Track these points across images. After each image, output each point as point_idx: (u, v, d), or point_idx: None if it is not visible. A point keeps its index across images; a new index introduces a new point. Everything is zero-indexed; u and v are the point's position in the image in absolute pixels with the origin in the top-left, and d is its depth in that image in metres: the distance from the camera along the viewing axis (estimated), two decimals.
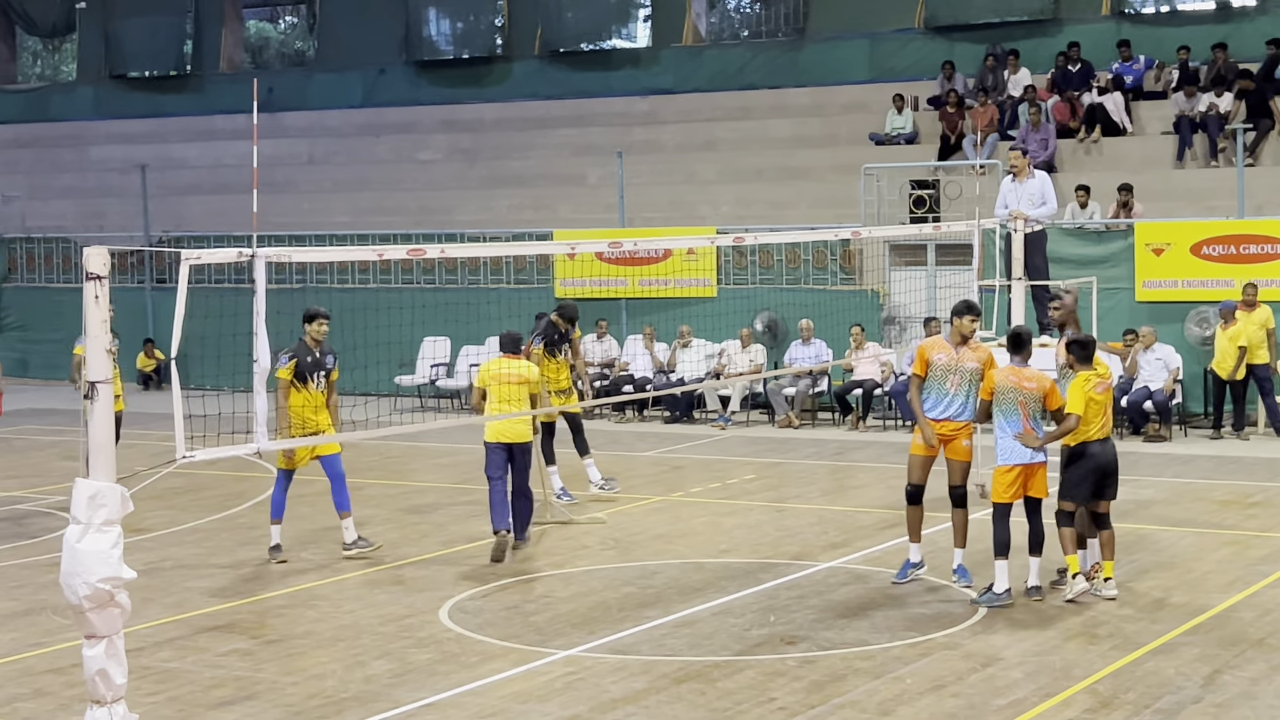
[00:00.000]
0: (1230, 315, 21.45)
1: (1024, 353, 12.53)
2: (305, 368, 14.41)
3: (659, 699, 10.07)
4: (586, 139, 31.56)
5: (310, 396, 14.47)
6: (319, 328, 14.57)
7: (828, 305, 24.27)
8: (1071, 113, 27.18)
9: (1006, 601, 12.20)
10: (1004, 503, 12.36)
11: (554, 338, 17.22)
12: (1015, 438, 12.25)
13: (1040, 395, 12.30)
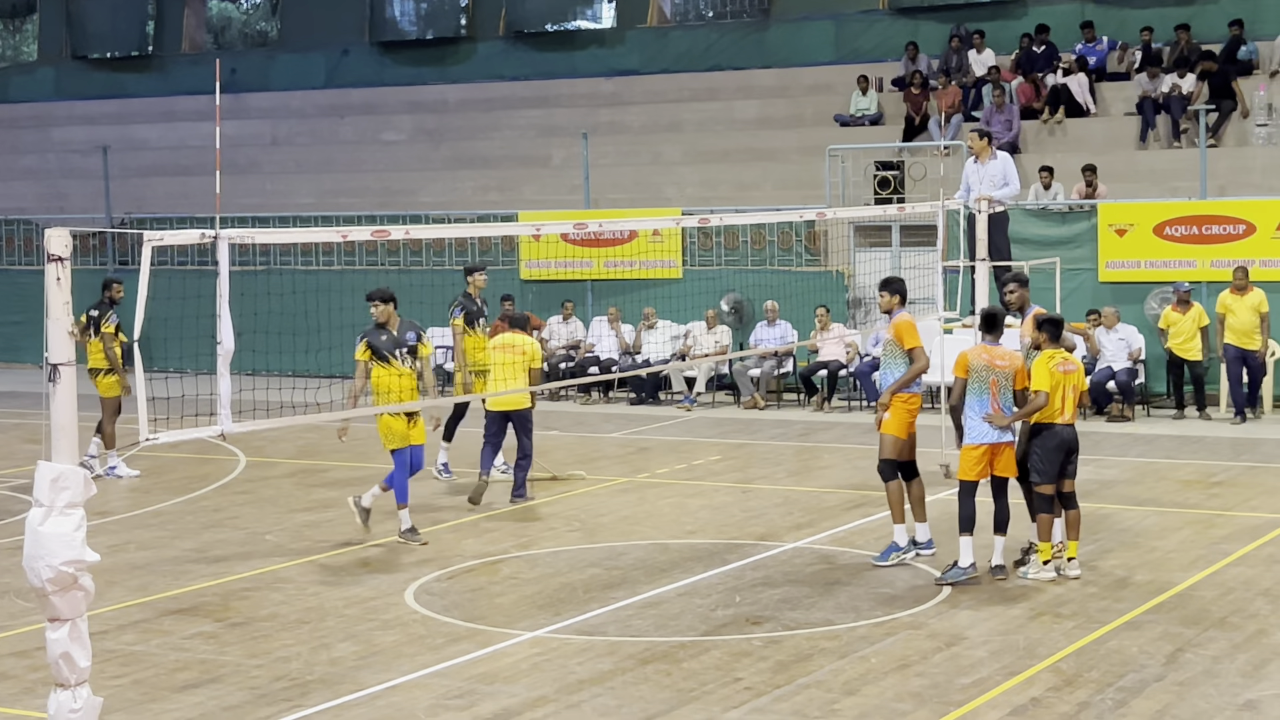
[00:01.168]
0: (1187, 298, 21.54)
1: (996, 332, 12.59)
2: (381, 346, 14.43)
3: (625, 680, 10.09)
4: (551, 120, 31.49)
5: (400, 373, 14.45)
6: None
7: (793, 286, 24.29)
8: (1035, 94, 27.25)
9: (971, 575, 12.26)
10: (970, 480, 12.41)
11: (472, 309, 17.27)
12: (984, 418, 12.29)
13: (1012, 374, 12.36)
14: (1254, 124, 25.39)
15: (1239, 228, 22.25)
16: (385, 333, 14.58)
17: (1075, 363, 12.57)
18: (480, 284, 17.67)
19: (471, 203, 28.99)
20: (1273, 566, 12.79)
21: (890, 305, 13.27)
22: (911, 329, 13.02)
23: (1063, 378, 12.34)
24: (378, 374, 14.50)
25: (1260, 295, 20.96)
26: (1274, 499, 15.81)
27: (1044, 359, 12.35)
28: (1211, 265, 22.28)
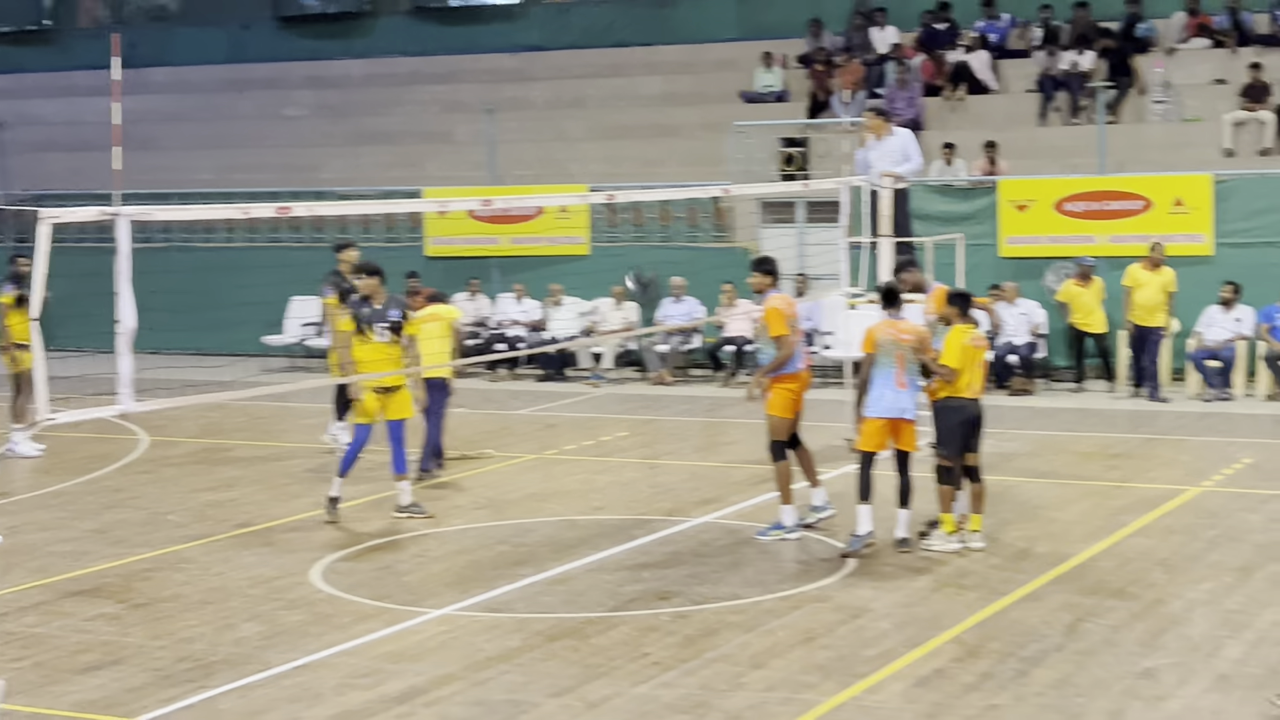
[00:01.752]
0: (1089, 272, 21.81)
1: (896, 305, 12.71)
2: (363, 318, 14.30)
3: (533, 656, 10.09)
4: (455, 96, 31.31)
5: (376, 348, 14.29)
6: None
7: (699, 262, 24.34)
8: (938, 71, 27.45)
9: (869, 542, 12.40)
10: (869, 451, 12.53)
11: (345, 289, 17.21)
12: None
13: (916, 346, 12.48)
14: (1151, 101, 25.74)
15: (1137, 203, 22.56)
16: (369, 305, 14.47)
17: (983, 338, 12.73)
18: (352, 259, 17.46)
19: (375, 179, 28.77)
20: (1170, 537, 13.01)
21: (762, 286, 13.39)
22: (778, 316, 13.04)
23: (975, 352, 12.48)
24: (357, 346, 14.35)
25: (1170, 274, 21.13)
26: (1171, 470, 16.09)
27: (957, 333, 12.48)
28: (1110, 240, 22.59)
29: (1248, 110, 24.51)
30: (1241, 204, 22.15)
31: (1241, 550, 12.46)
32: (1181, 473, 15.91)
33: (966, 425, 12.53)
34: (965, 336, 12.48)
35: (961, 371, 12.43)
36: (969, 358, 12.45)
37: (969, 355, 12.44)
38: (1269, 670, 9.49)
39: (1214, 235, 22.17)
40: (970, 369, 12.49)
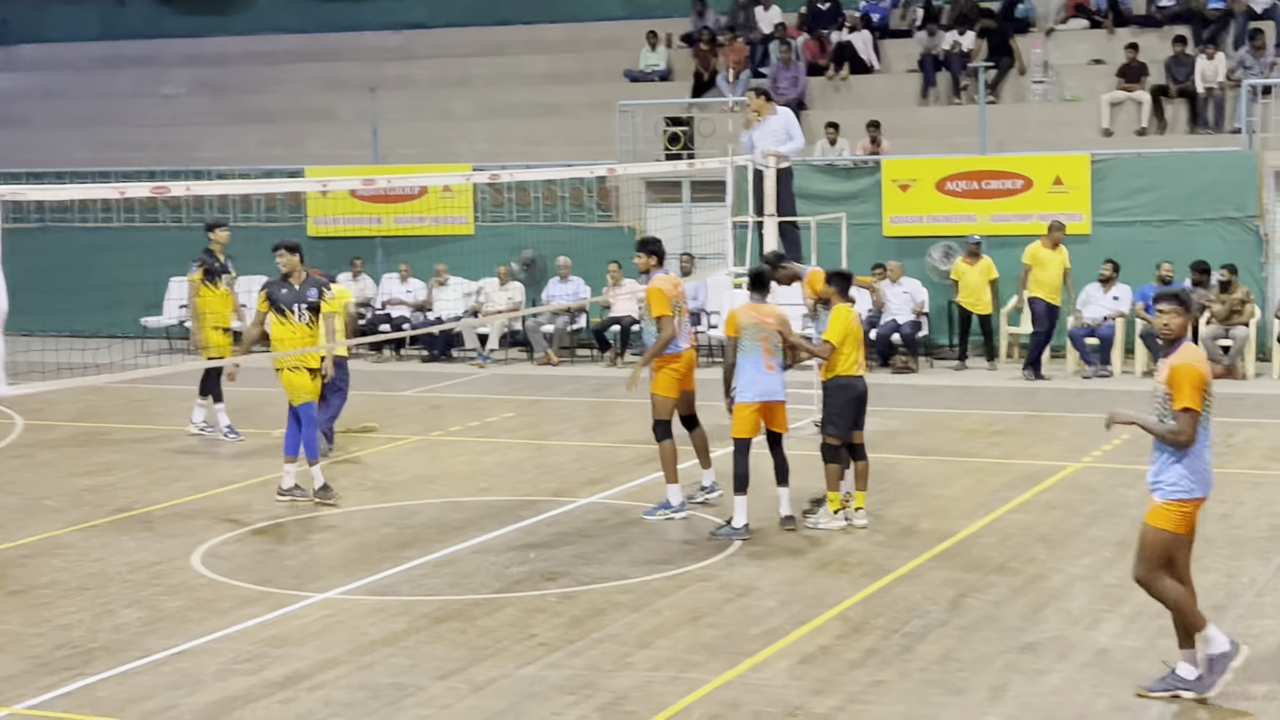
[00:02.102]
0: (977, 249, 22.05)
1: (763, 290, 12.75)
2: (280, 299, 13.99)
3: (418, 639, 10.03)
4: (337, 74, 30.98)
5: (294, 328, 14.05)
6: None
7: (585, 242, 24.30)
8: (821, 50, 27.58)
9: (744, 536, 12.44)
10: (743, 438, 12.56)
11: (214, 265, 17.14)
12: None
13: (779, 329, 12.53)
14: (1031, 81, 26.04)
15: (1017, 182, 22.82)
16: (287, 285, 14.16)
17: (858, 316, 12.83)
18: (222, 239, 17.46)
19: (255, 158, 28.39)
20: (1050, 512, 13.20)
21: (647, 266, 13.44)
22: (660, 297, 13.09)
23: (858, 330, 12.57)
24: (275, 326, 14.10)
25: (1066, 253, 21.41)
26: (1051, 446, 16.31)
27: (839, 312, 12.55)
28: (991, 219, 22.84)
29: (1125, 90, 24.88)
30: (1118, 183, 22.49)
31: (1119, 525, 12.66)
32: (1061, 449, 16.14)
33: (854, 403, 12.61)
34: (849, 316, 12.55)
35: (843, 349, 12.49)
36: (851, 336, 12.52)
37: (851, 333, 12.52)
38: (1147, 643, 9.65)
39: (1091, 214, 22.50)
40: (853, 347, 12.56)
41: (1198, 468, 8.57)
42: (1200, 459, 8.57)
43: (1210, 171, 22.09)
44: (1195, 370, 8.45)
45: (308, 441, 14.02)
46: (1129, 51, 25.10)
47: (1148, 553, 8.66)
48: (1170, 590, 8.64)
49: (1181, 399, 8.47)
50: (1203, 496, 8.64)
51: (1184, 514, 8.60)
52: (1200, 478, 8.59)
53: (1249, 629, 9.87)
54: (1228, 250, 21.57)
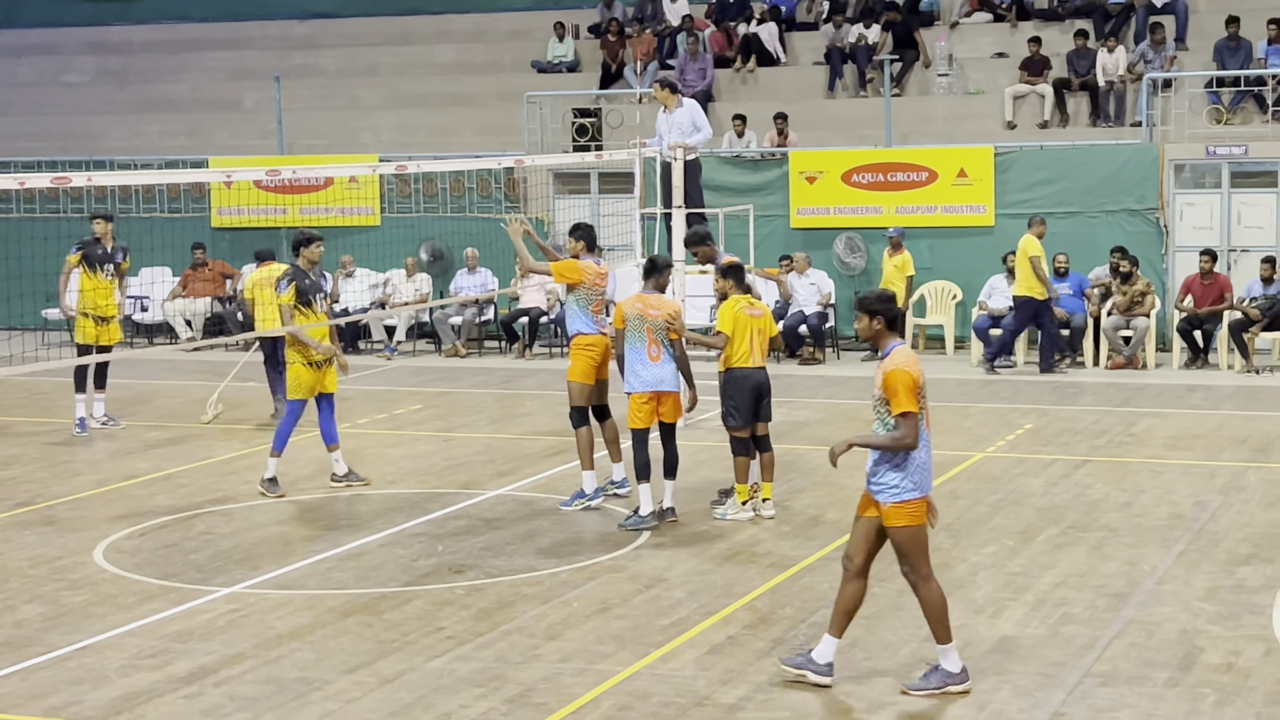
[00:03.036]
0: (899, 241, 22.22)
1: (653, 280, 12.75)
2: (304, 291, 14.11)
3: (325, 633, 9.97)
4: (242, 62, 30.69)
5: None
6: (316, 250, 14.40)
7: (493, 234, 24.19)
8: (728, 42, 27.66)
9: (651, 524, 12.49)
10: (640, 428, 12.62)
11: (96, 254, 17.05)
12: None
13: (664, 322, 12.55)
14: (936, 74, 26.26)
15: (922, 174, 23.03)
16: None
17: (761, 307, 12.83)
18: (101, 231, 17.52)
19: (159, 148, 28.10)
20: (954, 502, 13.32)
21: (576, 250, 13.48)
22: (573, 269, 13.37)
23: (750, 321, 12.58)
24: (299, 319, 14.11)
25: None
26: (956, 437, 16.46)
27: (730, 303, 12.60)
28: (897, 211, 23.02)
29: (1028, 84, 25.15)
30: (1021, 175, 22.75)
31: (1023, 514, 12.82)
32: (965, 439, 16.30)
33: (752, 394, 12.64)
34: (738, 305, 12.59)
35: (738, 341, 12.53)
36: (743, 327, 12.56)
37: (743, 324, 12.55)
38: (1050, 630, 9.78)
39: (995, 206, 22.74)
40: (747, 339, 12.58)
41: (915, 469, 8.64)
42: (917, 459, 8.64)
43: (1112, 164, 22.40)
44: (907, 374, 8.57)
45: (282, 435, 14.11)
46: (1031, 45, 25.38)
47: (906, 551, 8.76)
48: (938, 594, 8.74)
49: (899, 404, 8.58)
50: (924, 496, 8.69)
51: (914, 511, 8.68)
52: (919, 478, 8.65)
53: (1150, 616, 10.03)
54: (1129, 241, 21.87)
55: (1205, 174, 22.48)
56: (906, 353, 8.74)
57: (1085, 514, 12.83)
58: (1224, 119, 23.17)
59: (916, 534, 8.72)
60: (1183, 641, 9.52)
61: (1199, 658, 9.21)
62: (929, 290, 22.87)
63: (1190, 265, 21.59)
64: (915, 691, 8.70)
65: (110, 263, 17.27)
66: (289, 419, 14.11)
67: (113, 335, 17.44)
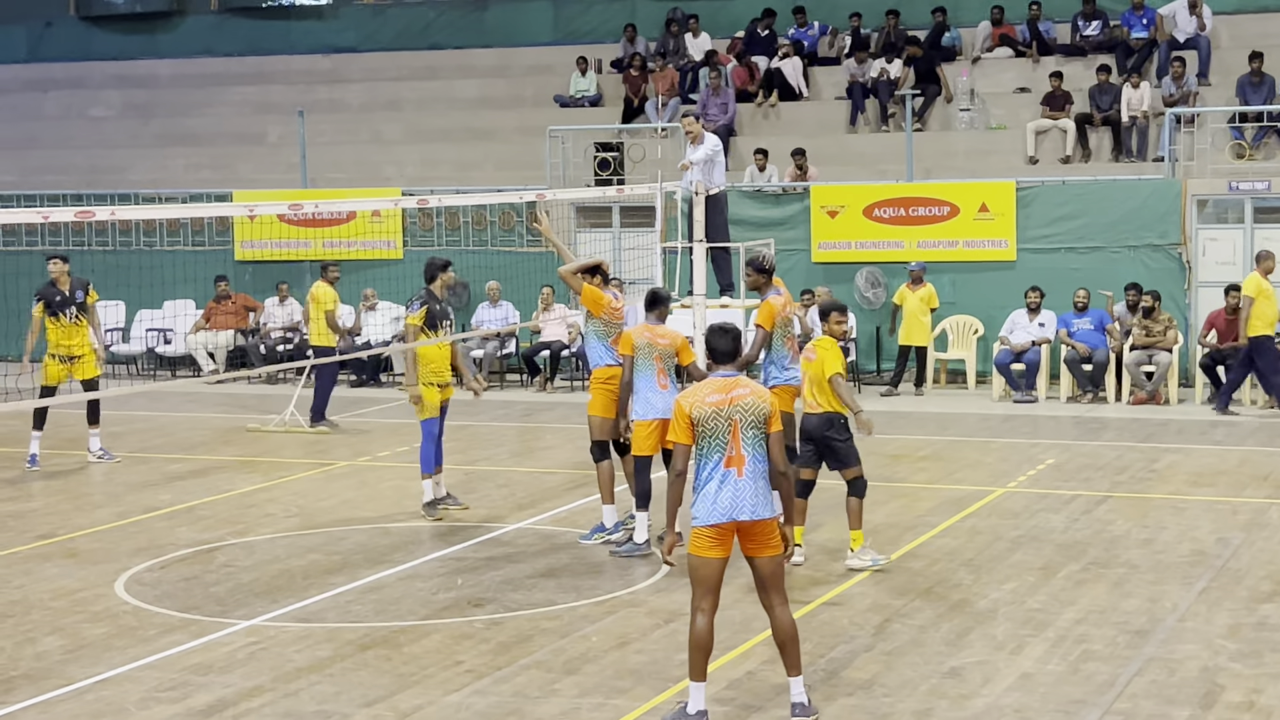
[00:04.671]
0: (920, 275, 22.21)
1: (657, 311, 12.85)
2: (435, 315, 14.77)
3: (344, 666, 9.98)
4: (267, 97, 30.87)
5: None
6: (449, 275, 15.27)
7: (514, 267, 24.30)
8: (750, 77, 27.73)
9: (646, 551, 12.61)
10: (644, 455, 12.68)
11: (55, 299, 17.08)
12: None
13: (673, 351, 12.72)
14: (957, 109, 26.28)
15: (943, 209, 23.03)
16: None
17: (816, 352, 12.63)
18: (56, 273, 17.42)
19: (183, 181, 28.25)
20: (975, 538, 13.29)
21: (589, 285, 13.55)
22: (594, 296, 13.31)
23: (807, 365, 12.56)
24: (421, 342, 14.66)
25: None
26: (977, 472, 16.43)
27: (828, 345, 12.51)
28: (918, 246, 23.02)
29: (1050, 118, 25.16)
30: (1043, 211, 22.74)
31: (1044, 550, 12.77)
32: (987, 474, 16.26)
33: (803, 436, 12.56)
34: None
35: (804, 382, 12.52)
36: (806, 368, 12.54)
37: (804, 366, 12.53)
38: (1070, 668, 9.73)
39: (1016, 241, 22.73)
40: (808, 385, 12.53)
41: (700, 498, 8.63)
42: (702, 489, 8.61)
43: (1134, 199, 22.38)
44: (679, 404, 8.65)
45: (427, 455, 14.44)
46: (1053, 80, 25.39)
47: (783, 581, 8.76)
48: (697, 630, 8.66)
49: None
50: (705, 525, 8.59)
51: (692, 540, 8.67)
52: (699, 508, 8.64)
53: (1171, 654, 9.98)
54: (1151, 277, 21.84)
55: (1228, 209, 22.44)
56: (694, 389, 8.76)
57: (1106, 550, 12.78)
58: (1247, 154, 23.13)
59: (692, 563, 8.68)
60: (1204, 679, 9.47)
61: (1220, 696, 9.16)
62: (950, 325, 22.85)
63: (1213, 300, 21.53)
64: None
65: (71, 305, 17.25)
66: (427, 441, 14.42)
67: (86, 371, 17.34)
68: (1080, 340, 21.26)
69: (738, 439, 8.58)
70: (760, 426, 8.62)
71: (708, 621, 8.66)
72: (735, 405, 8.59)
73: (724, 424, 8.58)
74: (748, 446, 8.59)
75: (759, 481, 8.61)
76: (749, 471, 8.57)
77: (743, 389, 8.66)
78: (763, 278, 13.31)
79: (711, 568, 8.65)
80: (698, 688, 8.66)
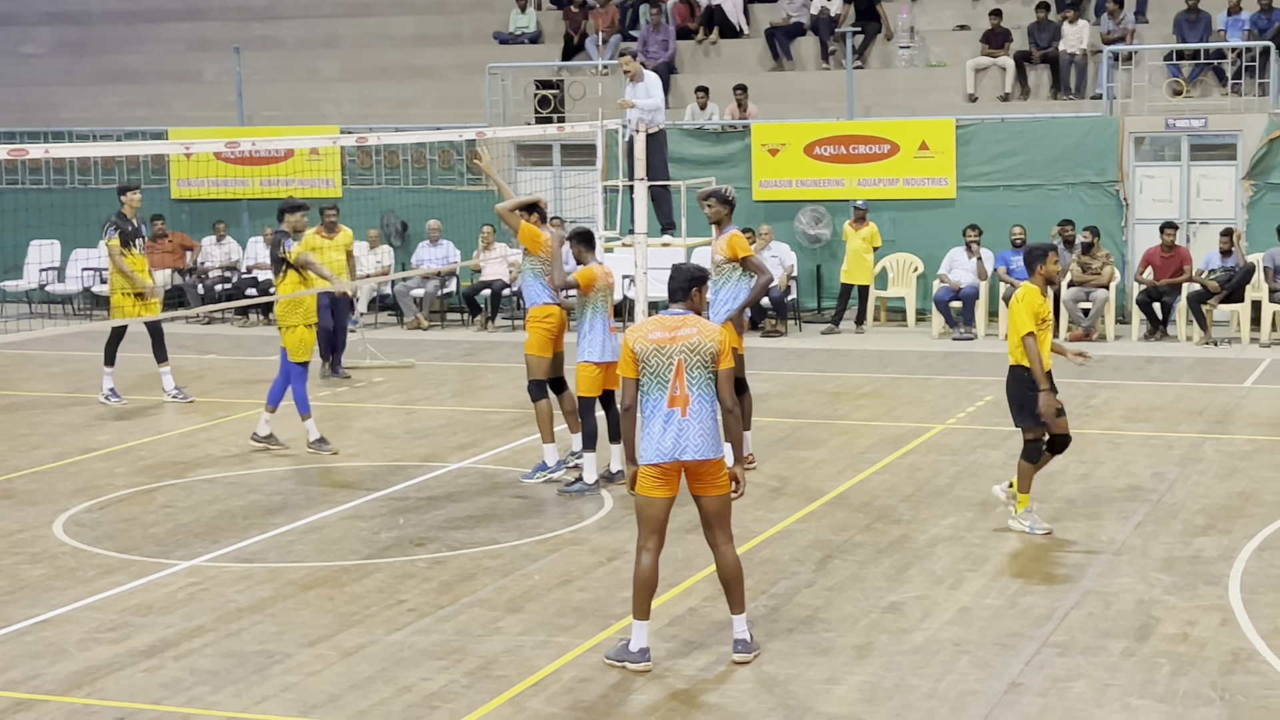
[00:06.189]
0: (863, 216, 22.25)
1: (593, 248, 12.98)
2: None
3: (286, 606, 9.96)
4: (202, 34, 30.48)
5: None
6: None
7: (454, 206, 24.17)
8: (690, 14, 27.61)
9: (594, 490, 12.67)
10: (587, 397, 12.71)
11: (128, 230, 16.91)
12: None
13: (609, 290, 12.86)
14: (897, 46, 26.26)
15: (884, 147, 23.06)
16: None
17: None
18: (135, 203, 17.22)
19: (118, 119, 27.88)
20: (914, 474, 13.39)
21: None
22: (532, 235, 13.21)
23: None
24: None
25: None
26: (916, 408, 16.53)
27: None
28: (858, 184, 23.06)
29: (989, 56, 25.19)
30: (982, 148, 22.81)
31: (982, 485, 12.87)
32: (926, 411, 16.37)
33: None
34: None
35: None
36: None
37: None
38: (1008, 601, 9.84)
39: (956, 179, 22.80)
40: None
41: (644, 436, 8.66)
42: (647, 428, 8.64)
43: (1072, 137, 22.48)
44: (624, 343, 8.67)
45: (298, 397, 14.51)
46: (993, 18, 25.40)
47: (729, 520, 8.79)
48: (641, 569, 8.67)
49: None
50: (648, 464, 8.60)
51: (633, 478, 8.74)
52: (644, 446, 8.65)
53: (1107, 587, 10.11)
54: (1089, 214, 21.98)
55: (1165, 147, 22.58)
56: (641, 324, 8.78)
57: (1044, 485, 12.89)
58: (1184, 91, 23.26)
59: (638, 502, 8.73)
60: (1139, 612, 9.60)
61: (1155, 628, 9.29)
62: (890, 263, 22.94)
63: (1150, 237, 21.70)
64: (609, 660, 8.74)
65: (140, 237, 17.02)
66: (301, 381, 14.48)
67: (154, 309, 16.99)
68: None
69: (681, 378, 8.58)
70: (708, 365, 8.62)
71: (653, 560, 8.69)
72: (679, 344, 8.59)
73: (666, 362, 8.58)
74: (693, 386, 8.59)
75: (705, 421, 8.61)
76: (694, 411, 8.58)
77: (689, 328, 8.65)
78: (725, 209, 13.33)
79: (657, 507, 8.68)
80: (640, 625, 8.70)
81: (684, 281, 8.81)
